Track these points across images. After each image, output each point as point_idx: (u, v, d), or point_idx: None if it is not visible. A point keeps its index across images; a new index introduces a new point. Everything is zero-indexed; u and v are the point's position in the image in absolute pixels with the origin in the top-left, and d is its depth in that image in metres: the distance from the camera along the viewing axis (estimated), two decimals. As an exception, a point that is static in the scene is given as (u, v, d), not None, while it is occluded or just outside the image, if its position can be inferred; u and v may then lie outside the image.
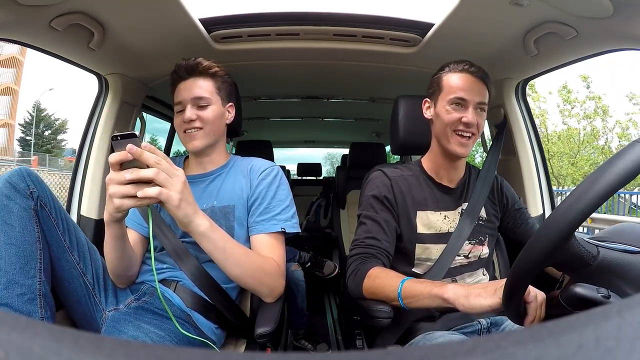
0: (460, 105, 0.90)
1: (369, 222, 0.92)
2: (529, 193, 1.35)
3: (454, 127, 0.90)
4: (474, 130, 0.90)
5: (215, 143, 0.98)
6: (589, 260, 0.50)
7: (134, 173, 0.63)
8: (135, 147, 0.63)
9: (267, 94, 2.04)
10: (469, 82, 0.90)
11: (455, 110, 0.90)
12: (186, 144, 0.95)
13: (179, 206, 0.67)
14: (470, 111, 0.89)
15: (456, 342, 0.15)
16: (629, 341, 0.14)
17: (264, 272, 0.84)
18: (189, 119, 0.91)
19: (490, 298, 0.63)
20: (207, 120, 0.93)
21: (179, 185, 0.67)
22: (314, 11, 1.22)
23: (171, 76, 0.97)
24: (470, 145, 0.91)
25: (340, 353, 0.16)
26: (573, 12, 0.90)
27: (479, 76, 0.90)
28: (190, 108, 0.92)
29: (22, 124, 21.24)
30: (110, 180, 0.64)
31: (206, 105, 0.94)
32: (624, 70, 26.11)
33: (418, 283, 0.77)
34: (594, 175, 0.43)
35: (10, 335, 0.14)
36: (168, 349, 0.15)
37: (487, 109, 0.92)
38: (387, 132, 1.20)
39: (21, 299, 0.70)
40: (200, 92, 0.93)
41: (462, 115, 0.89)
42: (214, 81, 0.96)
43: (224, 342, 0.95)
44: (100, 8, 0.94)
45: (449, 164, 0.96)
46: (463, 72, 0.91)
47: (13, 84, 17.90)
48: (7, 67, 17.21)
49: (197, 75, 0.94)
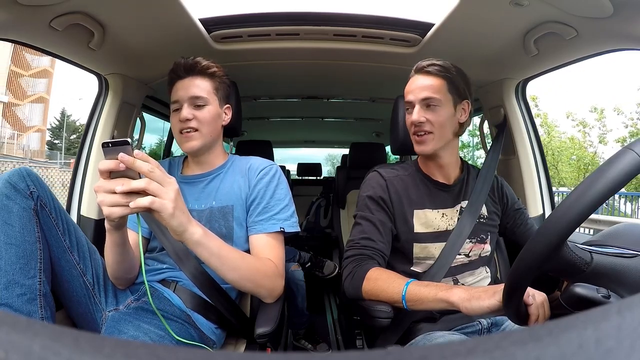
0: (410, 108, 0.93)
1: (365, 222, 0.92)
2: (529, 193, 1.35)
3: (411, 130, 0.94)
4: (426, 128, 0.91)
5: (211, 144, 0.97)
6: (582, 266, 0.50)
7: (125, 185, 0.61)
8: (127, 156, 0.60)
9: (267, 94, 2.04)
10: (415, 82, 0.93)
11: (409, 114, 0.94)
12: (182, 144, 0.95)
13: (173, 214, 0.65)
14: (415, 110, 0.91)
15: (456, 342, 0.15)
16: (629, 341, 0.14)
17: (261, 274, 0.83)
18: (185, 118, 0.91)
19: (488, 300, 0.64)
20: (204, 121, 0.93)
21: (172, 193, 0.65)
22: (314, 11, 1.21)
23: (169, 74, 0.96)
24: (429, 142, 0.91)
25: (340, 353, 0.16)
26: (573, 12, 0.90)
27: (428, 71, 0.91)
28: (187, 107, 0.92)
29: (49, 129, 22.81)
30: (99, 188, 0.62)
31: (203, 105, 0.93)
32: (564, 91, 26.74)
33: (423, 286, 0.77)
34: (584, 186, 0.43)
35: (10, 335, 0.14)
36: (168, 349, 0.15)
37: (446, 102, 0.91)
38: (387, 132, 1.20)
39: (21, 299, 0.70)
40: (197, 91, 0.93)
41: (410, 118, 0.92)
42: (212, 81, 0.96)
43: (224, 342, 0.95)
44: (100, 8, 0.94)
45: (432, 163, 0.97)
46: (414, 73, 0.94)
47: (45, 93, 19.16)
48: (39, 77, 18.23)
49: (196, 75, 0.94)
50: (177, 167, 1.02)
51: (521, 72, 1.31)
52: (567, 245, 0.49)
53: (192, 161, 1.00)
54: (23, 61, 15.26)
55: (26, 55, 15.04)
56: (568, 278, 0.53)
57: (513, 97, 1.38)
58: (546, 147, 11.81)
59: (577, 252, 0.50)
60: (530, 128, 1.39)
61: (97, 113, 1.30)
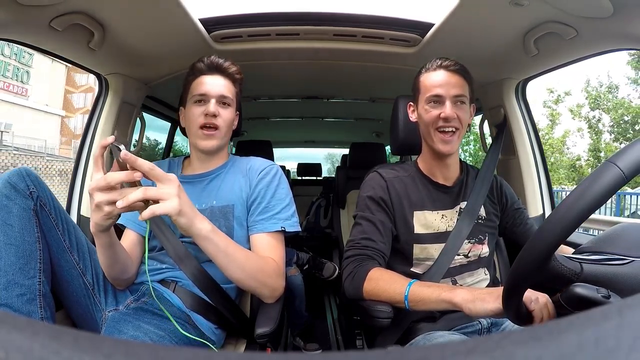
0: (437, 102, 0.91)
1: (365, 222, 0.92)
2: (529, 193, 1.35)
3: (435, 124, 0.91)
4: (455, 125, 0.90)
5: (224, 146, 0.99)
6: (572, 277, 0.50)
7: (124, 201, 0.61)
8: (129, 154, 0.61)
9: (267, 94, 2.04)
10: (444, 78, 0.91)
11: (433, 108, 0.91)
12: (201, 141, 0.93)
13: (180, 211, 0.65)
14: (447, 105, 0.89)
15: (456, 342, 0.15)
16: (629, 341, 0.14)
17: (264, 273, 0.83)
18: (213, 113, 0.91)
19: (492, 303, 0.64)
20: (227, 121, 0.94)
21: (175, 189, 0.65)
22: (314, 11, 1.22)
23: (194, 67, 0.96)
24: (454, 141, 0.91)
25: (340, 353, 0.16)
26: (573, 12, 0.90)
27: (453, 70, 0.91)
28: (215, 103, 0.92)
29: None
30: (102, 202, 0.62)
31: (228, 105, 0.95)
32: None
33: (425, 287, 0.77)
34: (567, 203, 0.43)
35: (10, 335, 0.14)
36: (168, 349, 0.15)
37: (468, 102, 0.92)
38: (387, 132, 1.20)
39: (21, 299, 0.70)
40: (226, 91, 0.94)
41: (440, 111, 0.89)
42: (235, 86, 0.98)
43: (224, 342, 0.95)
44: (100, 8, 0.94)
45: (440, 162, 0.96)
46: (437, 69, 0.92)
47: (90, 106, 21.77)
48: (85, 93, 19.98)
49: (225, 76, 0.95)
50: (177, 167, 1.02)
51: (521, 72, 1.31)
52: (556, 258, 0.49)
53: (197, 160, 0.99)
54: (72, 81, 17.63)
55: (75, 76, 17.29)
56: (561, 288, 0.54)
57: (513, 97, 1.38)
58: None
59: (566, 264, 0.50)
60: (530, 128, 1.39)
61: (97, 113, 1.30)
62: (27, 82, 15.76)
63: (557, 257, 0.49)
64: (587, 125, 11.08)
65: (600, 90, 10.62)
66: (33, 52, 15.04)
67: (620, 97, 10.45)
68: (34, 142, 14.41)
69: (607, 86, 10.61)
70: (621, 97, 10.49)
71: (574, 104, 11.27)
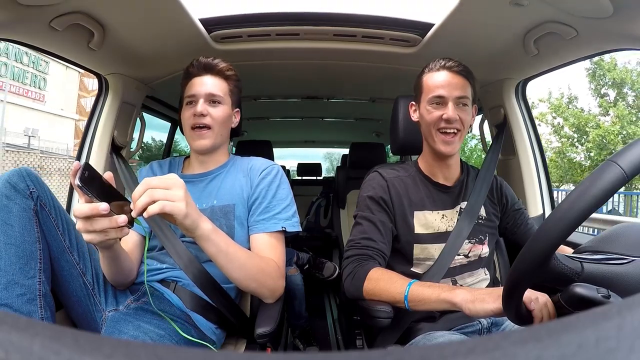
0: (439, 103, 0.90)
1: (365, 222, 0.91)
2: (529, 193, 1.35)
3: (437, 125, 0.91)
4: (457, 126, 0.90)
5: (220, 145, 0.98)
6: (572, 277, 0.50)
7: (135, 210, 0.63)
8: (139, 205, 0.63)
9: (267, 94, 2.04)
10: (447, 79, 0.90)
11: (435, 109, 0.91)
12: (193, 142, 0.94)
13: (187, 214, 0.66)
14: (449, 107, 0.89)
15: (456, 342, 0.15)
16: (629, 341, 0.14)
17: (265, 274, 0.83)
18: (200, 113, 0.91)
19: (492, 303, 0.64)
20: (217, 119, 0.94)
21: (181, 192, 0.66)
22: (314, 11, 1.22)
23: (186, 70, 0.97)
24: (456, 142, 0.91)
25: (340, 353, 0.16)
26: (573, 12, 0.90)
27: (457, 71, 0.90)
28: (203, 103, 0.93)
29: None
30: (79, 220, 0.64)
31: (218, 103, 0.95)
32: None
33: (426, 287, 0.77)
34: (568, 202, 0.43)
35: (10, 335, 0.14)
36: (168, 349, 0.15)
37: (470, 103, 0.92)
38: (387, 132, 1.20)
39: (21, 299, 0.70)
40: (215, 89, 0.94)
41: (442, 113, 0.89)
42: (228, 83, 0.97)
43: (224, 342, 0.95)
44: (100, 8, 0.94)
45: (440, 163, 0.96)
46: (440, 69, 0.91)
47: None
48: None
49: (214, 74, 0.95)
50: (177, 167, 1.02)
51: (521, 72, 1.31)
52: (556, 258, 0.49)
53: (196, 160, 1.00)
54: (84, 86, 18.25)
55: (85, 81, 17.90)
56: (562, 287, 0.54)
57: (513, 97, 1.38)
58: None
59: (567, 263, 0.50)
60: (530, 128, 1.39)
61: (97, 113, 1.30)
62: (44, 89, 16.30)
63: (558, 257, 0.49)
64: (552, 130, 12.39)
65: (562, 100, 12.03)
66: (49, 60, 15.55)
67: (580, 106, 11.99)
68: (53, 144, 14.99)
69: (567, 97, 12.06)
70: (579, 108, 11.92)
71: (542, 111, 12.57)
